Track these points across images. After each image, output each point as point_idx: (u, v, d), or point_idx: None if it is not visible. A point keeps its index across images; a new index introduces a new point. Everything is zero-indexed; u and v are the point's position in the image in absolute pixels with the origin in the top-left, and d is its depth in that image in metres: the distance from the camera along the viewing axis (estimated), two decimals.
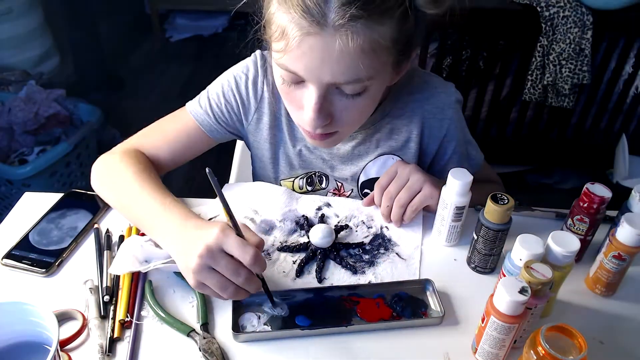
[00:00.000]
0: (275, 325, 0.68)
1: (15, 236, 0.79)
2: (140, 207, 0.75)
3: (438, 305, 0.70)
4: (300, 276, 0.76)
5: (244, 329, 0.67)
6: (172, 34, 3.24)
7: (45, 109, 1.89)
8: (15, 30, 2.17)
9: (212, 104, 0.88)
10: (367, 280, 0.75)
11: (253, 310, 0.70)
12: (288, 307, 0.70)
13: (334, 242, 0.79)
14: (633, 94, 1.98)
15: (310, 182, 0.95)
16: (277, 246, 0.80)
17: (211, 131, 0.89)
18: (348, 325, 0.67)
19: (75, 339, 0.65)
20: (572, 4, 1.79)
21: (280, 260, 0.78)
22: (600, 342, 0.68)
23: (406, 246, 0.81)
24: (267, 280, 0.68)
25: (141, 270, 0.71)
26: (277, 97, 0.87)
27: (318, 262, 0.77)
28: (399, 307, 0.70)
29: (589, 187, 0.73)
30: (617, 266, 0.71)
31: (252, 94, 0.88)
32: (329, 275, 0.76)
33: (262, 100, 0.88)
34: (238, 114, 0.90)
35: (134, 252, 0.72)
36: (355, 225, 0.85)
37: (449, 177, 0.75)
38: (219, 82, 0.89)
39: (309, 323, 0.68)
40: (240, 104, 0.89)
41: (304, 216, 0.85)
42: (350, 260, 0.78)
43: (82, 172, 1.94)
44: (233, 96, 0.88)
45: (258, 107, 0.89)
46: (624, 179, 1.89)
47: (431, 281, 0.73)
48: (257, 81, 0.88)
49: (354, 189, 0.95)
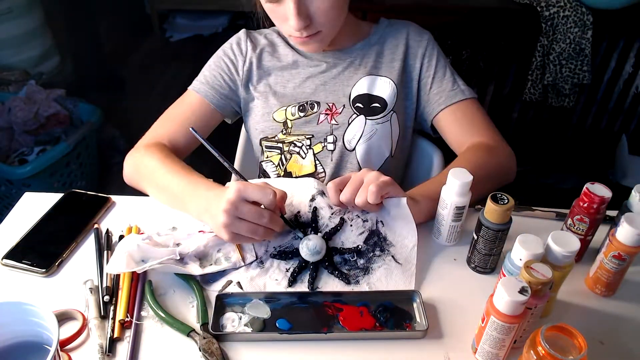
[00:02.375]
0: (256, 327, 0.68)
1: (15, 236, 0.79)
2: (170, 188, 0.83)
3: (423, 318, 0.68)
4: (292, 285, 0.74)
5: (224, 329, 0.68)
6: (172, 34, 3.24)
7: (45, 109, 1.89)
8: (15, 30, 2.17)
9: (208, 74, 1.01)
10: (361, 290, 0.74)
11: (235, 311, 0.70)
12: (271, 310, 0.70)
13: (327, 249, 0.77)
14: (633, 94, 1.98)
15: (302, 109, 1.00)
16: (271, 252, 0.78)
17: (215, 102, 0.99)
18: (327, 332, 0.67)
19: (75, 339, 0.65)
20: (572, 3, 1.79)
21: (273, 268, 0.77)
22: (600, 342, 0.68)
23: (402, 246, 0.79)
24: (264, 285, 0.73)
25: (137, 271, 0.71)
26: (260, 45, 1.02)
27: (310, 272, 0.75)
28: (383, 317, 0.69)
29: (589, 187, 0.73)
30: (617, 266, 0.71)
31: (238, 52, 1.02)
32: (322, 284, 0.74)
33: (246, 53, 1.02)
34: (230, 73, 1.01)
35: (130, 252, 0.71)
36: (350, 219, 0.81)
37: (449, 177, 0.75)
38: (212, 58, 1.04)
39: (288, 327, 0.67)
40: (230, 64, 1.01)
41: (298, 213, 0.82)
42: (344, 268, 0.76)
43: (82, 172, 1.94)
44: (224, 62, 1.01)
45: (245, 60, 1.01)
46: (624, 179, 1.90)
47: (418, 293, 0.71)
48: (240, 41, 1.03)
49: (345, 104, 0.99)
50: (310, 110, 0.99)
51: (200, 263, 0.75)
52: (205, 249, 0.77)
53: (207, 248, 0.77)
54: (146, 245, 0.72)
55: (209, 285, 0.74)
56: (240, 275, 0.75)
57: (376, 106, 0.98)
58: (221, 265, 0.75)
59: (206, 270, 0.73)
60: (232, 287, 0.73)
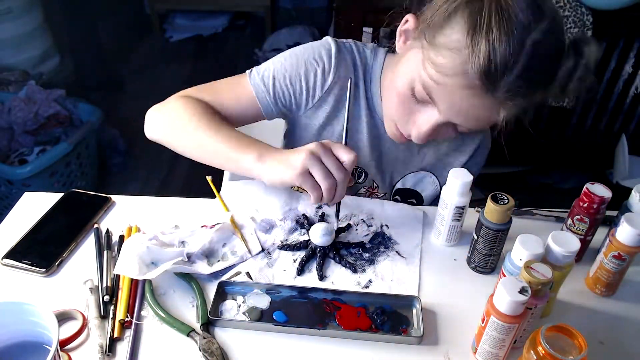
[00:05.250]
0: (253, 316, 0.69)
1: (15, 236, 0.79)
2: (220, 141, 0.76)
3: (420, 325, 0.68)
4: (301, 274, 0.76)
5: (222, 315, 0.68)
6: (172, 34, 3.24)
7: (45, 109, 1.89)
8: (15, 30, 2.17)
9: (276, 84, 0.86)
10: (367, 278, 0.75)
11: (235, 299, 0.71)
12: (271, 301, 0.71)
13: (334, 241, 0.79)
14: (633, 94, 1.98)
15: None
16: (278, 244, 0.80)
17: (266, 108, 0.87)
18: (322, 328, 0.67)
19: (75, 339, 0.64)
20: (572, 4, 1.79)
21: (280, 259, 0.78)
22: (600, 342, 0.68)
23: (406, 244, 0.81)
24: (272, 276, 0.75)
25: (150, 277, 0.70)
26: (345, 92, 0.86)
27: (318, 260, 0.77)
28: (379, 320, 0.69)
29: (589, 187, 0.73)
30: (617, 266, 0.71)
31: (320, 84, 0.87)
32: (329, 273, 0.76)
33: (328, 92, 0.87)
34: (299, 99, 0.88)
35: (140, 254, 0.71)
36: (355, 223, 0.85)
37: (449, 177, 0.75)
38: (288, 63, 0.86)
39: (284, 319, 0.68)
40: (305, 91, 0.87)
41: (304, 215, 0.86)
42: (351, 259, 0.78)
43: (82, 172, 1.94)
44: (299, 82, 0.86)
45: (322, 97, 0.88)
46: (624, 179, 1.89)
47: (418, 299, 0.70)
48: (327, 72, 0.86)
49: (386, 192, 0.97)
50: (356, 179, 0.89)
51: (208, 261, 0.76)
52: (210, 245, 0.78)
53: (212, 244, 0.78)
54: (155, 246, 0.73)
55: (218, 278, 0.74)
56: (249, 265, 0.77)
57: (412, 201, 0.98)
58: (228, 261, 0.76)
59: (214, 269, 0.75)
60: (241, 277, 0.75)
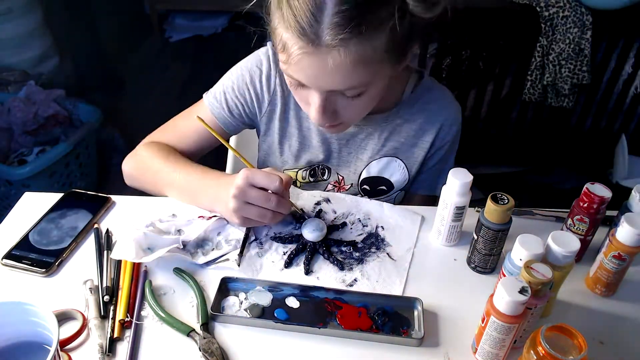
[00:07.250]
0: (254, 313, 0.69)
1: (15, 236, 0.79)
2: (178, 183, 0.84)
3: (421, 326, 0.67)
4: (288, 267, 0.76)
5: (223, 311, 0.69)
6: (171, 34, 3.24)
7: (44, 109, 1.89)
8: (15, 30, 2.16)
9: (227, 97, 0.91)
10: (353, 277, 0.75)
11: (237, 295, 0.72)
12: (272, 299, 0.71)
13: (325, 238, 0.79)
14: (633, 94, 1.98)
15: (312, 174, 0.98)
16: (271, 235, 0.81)
17: (226, 124, 0.93)
18: (322, 327, 0.67)
19: (75, 339, 0.64)
20: (572, 4, 1.79)
21: (271, 250, 0.79)
22: (600, 342, 0.68)
23: (399, 247, 0.81)
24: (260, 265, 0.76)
25: (146, 261, 0.72)
26: (287, 91, 0.91)
27: (306, 254, 0.78)
28: (380, 321, 0.69)
29: (589, 187, 0.73)
30: (617, 266, 0.71)
31: (266, 88, 0.91)
32: (316, 268, 0.77)
33: (274, 94, 0.91)
34: (252, 107, 0.92)
35: (137, 240, 0.73)
36: (351, 222, 0.85)
37: (449, 176, 0.75)
38: (234, 76, 0.91)
39: (285, 317, 0.69)
40: (255, 98, 0.91)
41: (302, 209, 0.85)
42: (340, 256, 0.78)
43: (81, 172, 1.94)
44: (247, 91, 0.91)
45: (271, 100, 0.92)
46: (624, 179, 1.90)
47: (420, 301, 0.70)
48: (270, 75, 0.90)
49: (353, 183, 0.97)
50: (320, 177, 0.97)
51: (203, 250, 0.78)
52: (205, 234, 0.80)
53: (207, 233, 0.80)
54: (152, 233, 0.75)
55: (209, 266, 0.76)
56: (237, 253, 0.78)
57: (383, 189, 0.98)
58: (222, 249, 0.78)
59: (209, 257, 0.76)
60: (229, 263, 0.76)
